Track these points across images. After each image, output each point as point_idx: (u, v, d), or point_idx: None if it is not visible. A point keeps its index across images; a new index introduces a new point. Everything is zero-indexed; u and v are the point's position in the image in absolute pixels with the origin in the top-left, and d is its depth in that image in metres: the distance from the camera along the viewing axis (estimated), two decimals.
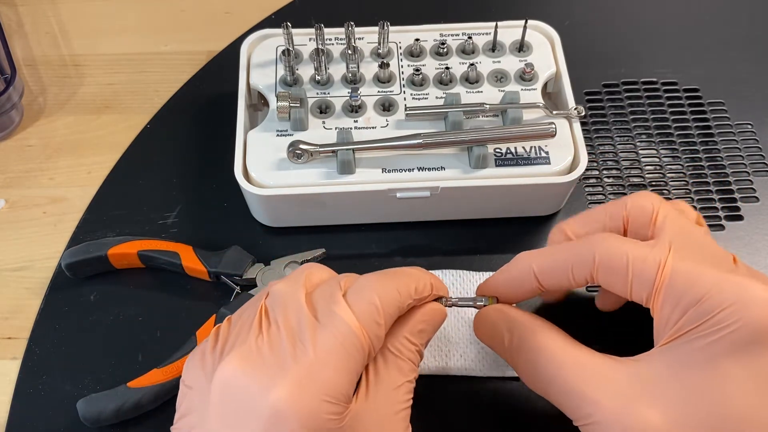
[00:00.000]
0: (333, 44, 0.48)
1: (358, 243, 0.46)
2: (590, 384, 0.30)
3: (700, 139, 0.50)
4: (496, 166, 0.43)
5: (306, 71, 0.46)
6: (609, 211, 0.35)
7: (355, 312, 0.30)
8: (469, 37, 0.47)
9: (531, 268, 0.34)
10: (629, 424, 0.29)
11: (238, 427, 0.28)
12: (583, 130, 0.46)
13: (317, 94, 0.46)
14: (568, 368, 0.31)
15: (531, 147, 0.43)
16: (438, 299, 0.35)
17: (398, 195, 0.42)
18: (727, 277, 0.29)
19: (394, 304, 0.31)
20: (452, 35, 0.48)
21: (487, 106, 0.44)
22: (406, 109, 0.44)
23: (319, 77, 0.46)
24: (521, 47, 0.47)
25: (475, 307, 0.36)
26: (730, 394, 0.28)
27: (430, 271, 0.43)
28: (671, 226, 0.32)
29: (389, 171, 0.43)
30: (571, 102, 0.45)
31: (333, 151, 0.42)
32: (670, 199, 0.47)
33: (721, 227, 0.46)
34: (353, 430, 0.29)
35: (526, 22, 0.47)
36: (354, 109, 0.45)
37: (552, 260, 0.33)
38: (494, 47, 0.48)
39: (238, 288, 0.43)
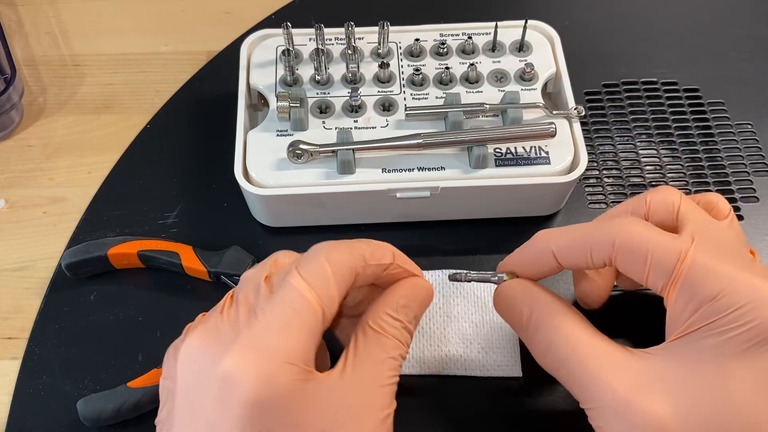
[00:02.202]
0: (333, 44, 0.48)
1: None
2: (603, 369, 0.30)
3: (700, 139, 0.50)
4: (496, 166, 0.43)
5: (306, 71, 0.46)
6: (630, 207, 0.35)
7: (304, 276, 0.30)
8: (469, 37, 0.47)
9: (550, 246, 0.33)
10: (637, 413, 0.29)
11: (197, 400, 0.28)
12: (583, 130, 0.46)
13: (317, 94, 0.46)
14: (583, 350, 0.31)
15: (531, 147, 0.43)
16: (455, 275, 0.35)
17: (398, 195, 0.42)
18: (744, 276, 0.29)
19: (345, 266, 0.31)
20: (452, 35, 0.48)
21: (487, 106, 0.44)
22: (406, 109, 0.44)
23: (319, 77, 0.46)
24: (521, 47, 0.47)
25: (492, 282, 0.36)
26: (738, 394, 0.28)
27: (430, 271, 0.43)
28: (694, 220, 0.32)
29: (389, 171, 0.43)
30: (571, 102, 0.45)
31: (333, 151, 0.42)
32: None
33: None
34: (320, 401, 0.29)
35: (526, 22, 0.47)
36: (354, 109, 0.45)
37: (571, 240, 0.33)
38: (494, 47, 0.48)
39: None
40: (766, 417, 0.28)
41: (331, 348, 0.36)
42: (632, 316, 0.40)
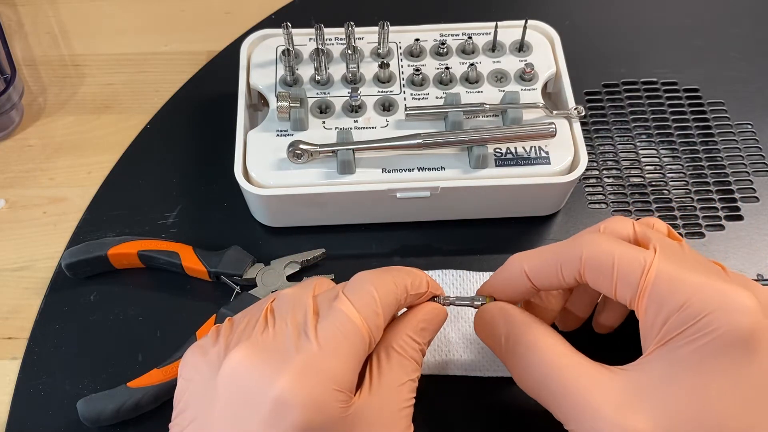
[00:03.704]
0: (333, 44, 0.48)
1: (358, 243, 0.46)
2: (582, 388, 0.30)
3: (700, 139, 0.50)
4: (496, 166, 0.43)
5: (306, 71, 0.46)
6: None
7: (354, 303, 0.30)
8: (469, 37, 0.47)
9: (522, 268, 0.34)
10: (618, 431, 0.28)
11: (242, 417, 0.28)
12: (583, 130, 0.46)
13: (317, 94, 0.46)
14: (562, 371, 0.31)
15: (531, 147, 0.43)
16: (435, 298, 0.35)
17: (398, 195, 0.42)
18: (710, 283, 0.29)
19: (391, 296, 0.32)
20: (452, 35, 0.48)
21: (487, 106, 0.44)
22: (406, 109, 0.44)
23: (319, 77, 0.46)
24: (521, 47, 0.47)
25: (473, 306, 0.36)
26: (718, 403, 0.28)
27: (430, 271, 0.43)
28: (654, 237, 0.32)
29: (389, 171, 0.43)
30: (571, 102, 0.45)
31: (333, 151, 0.42)
32: (669, 199, 0.47)
33: (721, 227, 0.46)
34: (356, 423, 0.29)
35: (526, 22, 0.47)
36: (354, 109, 0.45)
37: (542, 260, 0.33)
38: (494, 47, 0.48)
39: (238, 288, 0.43)
40: (748, 424, 0.28)
41: None
42: (611, 333, 0.40)
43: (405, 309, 0.35)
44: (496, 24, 0.47)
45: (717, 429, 0.28)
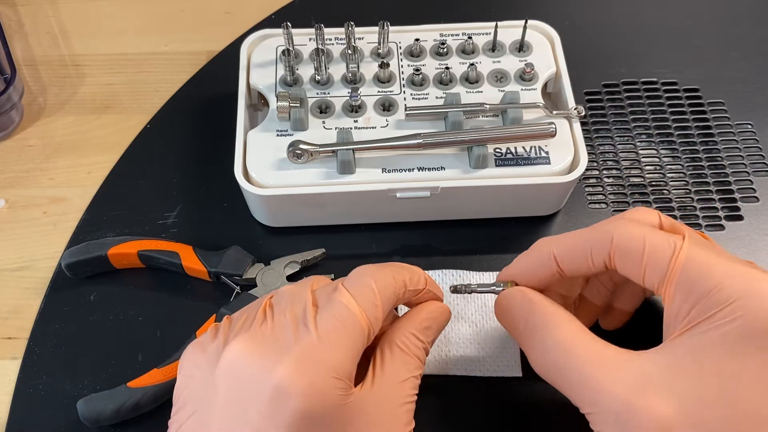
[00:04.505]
0: (333, 44, 0.48)
1: (358, 243, 0.46)
2: (601, 373, 0.30)
3: (700, 139, 0.50)
4: (496, 166, 0.43)
5: (306, 71, 0.46)
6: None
7: (353, 295, 0.31)
8: (469, 37, 0.47)
9: (551, 251, 0.34)
10: (639, 414, 0.28)
11: (242, 408, 0.28)
12: (583, 130, 0.46)
13: (317, 94, 0.46)
14: (580, 355, 0.31)
15: (531, 147, 0.43)
16: (457, 287, 0.36)
17: (398, 195, 0.42)
18: (740, 269, 0.29)
19: (390, 289, 0.32)
20: (452, 35, 0.48)
21: (487, 106, 0.44)
22: (406, 109, 0.44)
23: (319, 77, 0.46)
24: (521, 47, 0.47)
25: (494, 292, 0.36)
26: (745, 389, 0.28)
27: (430, 271, 0.43)
28: (682, 226, 0.33)
29: (389, 171, 0.43)
30: (571, 102, 0.45)
31: (333, 151, 0.42)
32: (669, 199, 0.47)
33: (721, 227, 0.46)
34: (356, 416, 0.29)
35: (526, 22, 0.47)
36: (354, 109, 0.45)
37: (572, 243, 0.33)
38: (494, 47, 0.48)
39: (238, 288, 0.43)
40: None
41: None
42: (631, 321, 0.40)
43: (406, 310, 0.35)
44: (496, 24, 0.47)
45: (744, 416, 0.28)
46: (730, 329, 0.28)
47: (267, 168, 0.42)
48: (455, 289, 0.38)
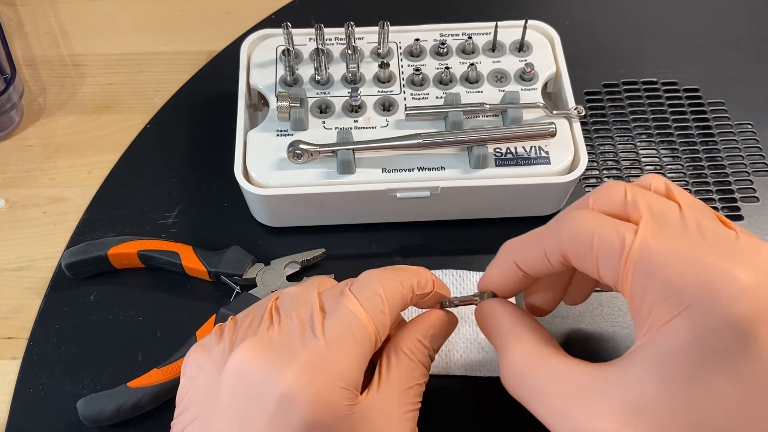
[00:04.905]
0: (333, 44, 0.48)
1: (358, 243, 0.46)
2: (556, 391, 0.28)
3: (700, 139, 0.50)
4: (496, 166, 0.43)
5: (306, 71, 0.46)
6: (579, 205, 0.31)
7: (361, 301, 0.30)
8: (469, 37, 0.47)
9: (512, 258, 0.32)
10: None
11: (248, 413, 0.28)
12: (583, 130, 0.46)
13: (317, 94, 0.46)
14: (538, 371, 0.29)
15: (531, 147, 0.43)
16: (441, 303, 0.35)
17: (398, 195, 0.42)
18: (699, 262, 0.25)
19: (398, 296, 0.32)
20: (452, 35, 0.48)
21: (487, 106, 0.44)
22: (406, 109, 0.44)
23: (319, 77, 0.46)
24: (521, 47, 0.47)
25: (473, 303, 0.36)
26: (717, 406, 0.24)
27: (430, 271, 0.43)
28: (644, 204, 0.28)
29: (389, 171, 0.43)
30: (571, 102, 0.45)
31: (333, 151, 0.42)
32: None
33: None
34: (361, 422, 0.29)
35: (526, 22, 0.47)
36: (354, 109, 0.45)
37: (529, 246, 0.31)
38: (494, 47, 0.48)
39: (238, 288, 0.43)
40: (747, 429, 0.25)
41: None
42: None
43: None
44: (496, 24, 0.47)
45: None
46: (689, 338, 0.25)
47: (267, 168, 0.42)
48: (441, 306, 0.36)
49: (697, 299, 0.24)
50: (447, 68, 0.46)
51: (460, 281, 0.43)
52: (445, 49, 0.47)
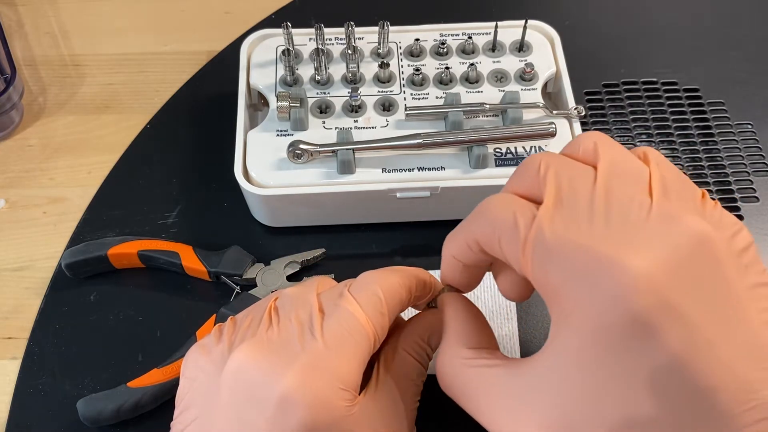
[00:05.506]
0: (333, 44, 0.48)
1: (358, 243, 0.46)
2: (478, 392, 0.28)
3: (700, 139, 0.50)
4: (496, 166, 0.43)
5: (306, 71, 0.46)
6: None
7: (360, 302, 0.30)
8: (469, 37, 0.47)
9: (450, 253, 0.31)
10: None
11: (247, 414, 0.28)
12: (583, 130, 0.46)
13: (317, 94, 0.46)
14: (461, 371, 0.29)
15: (531, 147, 0.43)
16: (428, 304, 0.35)
17: (398, 195, 0.42)
18: (594, 251, 0.23)
19: (397, 297, 0.31)
20: (452, 35, 0.48)
21: (487, 106, 0.44)
22: (406, 109, 0.44)
23: (319, 77, 0.46)
24: (521, 47, 0.47)
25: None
26: (614, 404, 0.24)
27: (430, 271, 0.43)
28: (551, 178, 0.26)
29: (389, 171, 0.43)
30: (571, 102, 0.45)
31: (333, 151, 0.42)
32: None
33: None
34: (359, 422, 0.29)
35: (526, 22, 0.47)
36: (354, 109, 0.45)
37: (456, 234, 0.30)
38: (494, 47, 0.48)
39: (238, 288, 0.43)
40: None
41: None
42: None
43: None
44: (496, 24, 0.47)
45: None
46: (585, 338, 0.24)
47: (267, 168, 0.42)
48: (427, 306, 0.35)
49: (587, 296, 0.23)
50: (447, 68, 0.46)
51: None
52: (445, 49, 0.47)
